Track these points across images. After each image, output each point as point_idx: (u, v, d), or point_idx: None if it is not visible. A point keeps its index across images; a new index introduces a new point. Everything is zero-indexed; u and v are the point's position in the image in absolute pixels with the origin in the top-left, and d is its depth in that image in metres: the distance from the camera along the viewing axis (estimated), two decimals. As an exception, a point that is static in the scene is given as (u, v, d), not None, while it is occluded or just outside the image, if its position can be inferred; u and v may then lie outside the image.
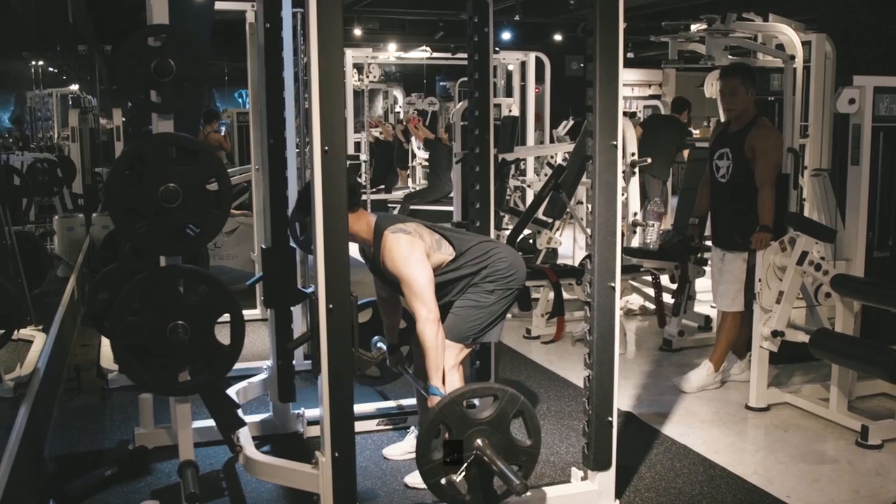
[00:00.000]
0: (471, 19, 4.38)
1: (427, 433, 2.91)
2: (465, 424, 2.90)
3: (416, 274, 3.36)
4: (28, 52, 7.53)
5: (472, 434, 2.91)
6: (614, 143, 3.23)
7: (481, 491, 2.97)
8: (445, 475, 2.88)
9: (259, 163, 5.05)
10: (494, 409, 2.95)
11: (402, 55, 13.39)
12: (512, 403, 2.96)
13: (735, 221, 4.98)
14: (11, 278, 4.66)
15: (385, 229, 3.46)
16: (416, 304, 3.35)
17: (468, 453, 2.90)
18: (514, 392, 2.97)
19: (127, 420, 4.59)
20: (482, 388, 3.22)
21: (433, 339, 3.30)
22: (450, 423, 2.89)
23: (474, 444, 2.90)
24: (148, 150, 3.17)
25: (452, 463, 2.87)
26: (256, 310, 6.59)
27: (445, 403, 2.92)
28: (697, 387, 5.09)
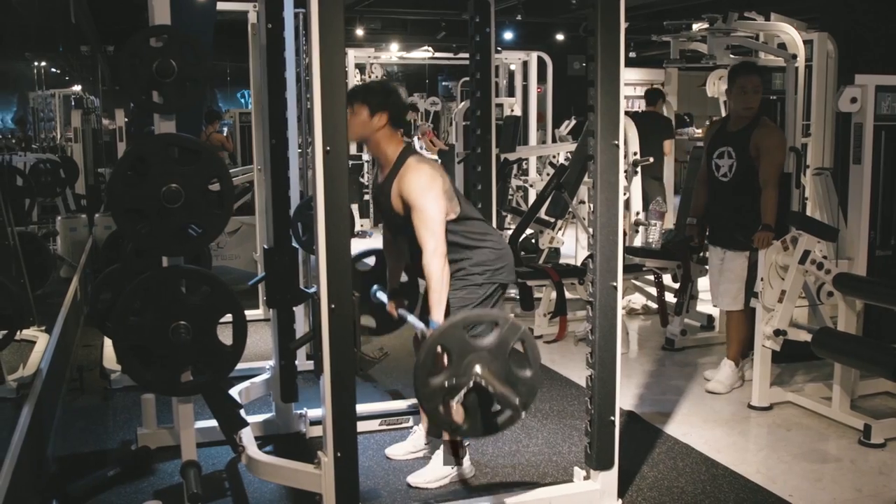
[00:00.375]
0: (472, 19, 4.39)
1: (426, 356, 2.83)
2: (464, 350, 2.83)
3: (431, 206, 3.38)
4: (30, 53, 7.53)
5: (471, 360, 2.83)
6: (616, 142, 3.23)
7: (479, 419, 2.91)
8: (443, 400, 2.82)
9: (261, 163, 5.05)
10: (495, 336, 2.86)
11: (404, 55, 13.40)
12: (513, 332, 2.87)
13: (737, 220, 4.97)
14: (14, 279, 4.66)
15: (410, 157, 3.52)
16: (425, 236, 3.35)
17: (467, 379, 2.82)
18: (515, 321, 2.90)
19: (130, 420, 4.60)
20: (484, 315, 3.11)
21: (438, 274, 3.31)
22: (450, 347, 2.82)
23: (473, 371, 2.83)
24: (150, 151, 3.18)
25: (450, 389, 2.81)
26: (259, 310, 6.60)
27: (446, 327, 2.86)
28: (728, 386, 5.08)
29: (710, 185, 5.16)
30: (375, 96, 3.53)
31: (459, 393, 2.81)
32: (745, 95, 4.91)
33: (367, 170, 12.10)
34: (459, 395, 2.82)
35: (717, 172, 5.03)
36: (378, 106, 3.51)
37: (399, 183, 3.47)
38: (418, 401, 2.89)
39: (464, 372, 2.82)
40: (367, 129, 3.53)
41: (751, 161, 4.86)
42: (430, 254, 3.33)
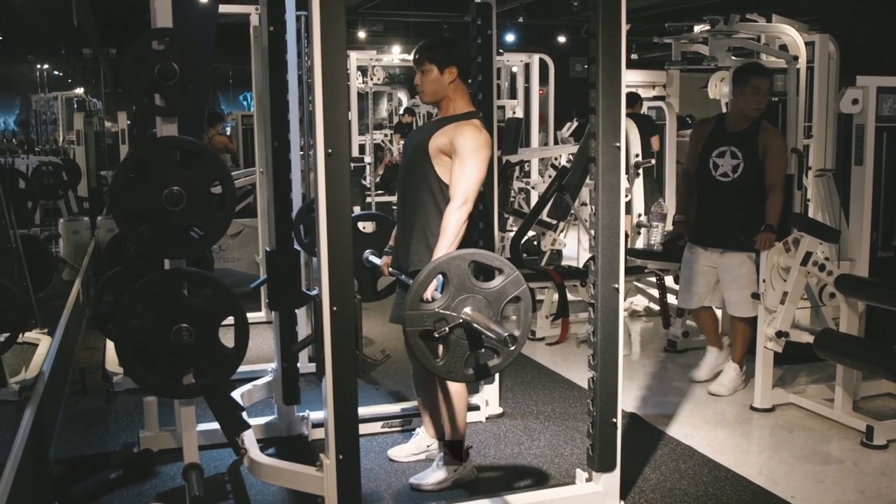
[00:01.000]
0: (474, 21, 4.40)
1: (427, 277, 2.81)
2: (463, 286, 2.80)
3: (477, 164, 3.41)
4: (33, 56, 7.55)
5: (466, 298, 2.80)
6: (617, 144, 3.23)
7: (457, 361, 2.85)
8: (427, 327, 2.79)
9: (263, 165, 5.05)
10: (497, 283, 2.84)
11: (406, 57, 13.38)
12: (515, 285, 2.84)
13: (742, 221, 4.94)
14: (17, 281, 4.67)
15: (477, 119, 3.56)
16: (458, 190, 3.38)
17: (458, 315, 2.79)
18: (520, 275, 2.86)
19: (132, 423, 4.60)
20: (493, 258, 2.99)
21: (456, 226, 3.34)
22: (451, 278, 2.79)
23: (463, 311, 2.79)
24: (152, 154, 3.18)
25: (438, 318, 2.77)
26: (261, 312, 6.60)
27: (453, 256, 2.84)
28: (732, 389, 5.05)
29: (702, 184, 5.06)
30: (440, 51, 3.54)
31: (446, 327, 2.78)
32: (758, 96, 4.87)
33: (369, 172, 12.10)
34: (445, 329, 2.79)
35: (714, 172, 4.96)
36: (445, 61, 3.52)
37: (457, 129, 3.47)
38: (403, 322, 2.82)
39: (456, 307, 2.79)
40: (440, 87, 3.56)
41: (759, 161, 4.85)
42: (457, 205, 3.36)
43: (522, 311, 2.88)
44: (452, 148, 3.44)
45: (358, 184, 11.30)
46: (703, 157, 5.02)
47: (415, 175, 3.58)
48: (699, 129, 5.24)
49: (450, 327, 2.78)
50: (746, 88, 4.88)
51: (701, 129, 5.20)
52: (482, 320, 2.76)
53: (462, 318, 2.78)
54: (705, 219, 5.09)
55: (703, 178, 5.03)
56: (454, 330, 2.80)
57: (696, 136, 5.22)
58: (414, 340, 2.80)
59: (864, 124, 4.66)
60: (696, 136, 5.22)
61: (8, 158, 6.14)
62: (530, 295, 2.92)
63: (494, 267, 2.90)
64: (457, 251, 2.91)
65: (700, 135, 5.15)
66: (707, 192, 5.06)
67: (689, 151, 5.30)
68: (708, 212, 5.08)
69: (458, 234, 3.35)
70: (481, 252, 2.99)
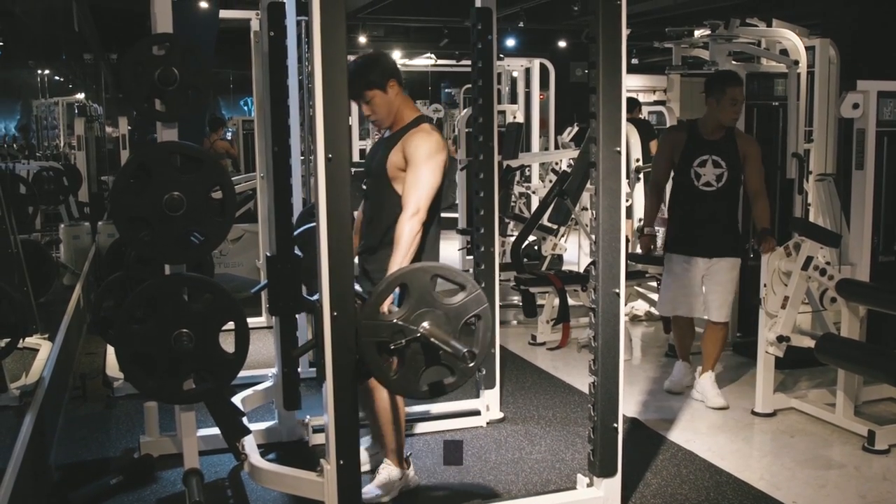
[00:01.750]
0: (475, 26, 4.40)
1: (387, 288, 2.80)
2: (423, 300, 2.79)
3: (429, 174, 3.38)
4: (33, 61, 7.55)
5: (425, 313, 2.79)
6: (618, 149, 3.23)
7: (411, 376, 2.85)
8: (383, 339, 2.78)
9: (264, 170, 5.06)
10: (458, 300, 2.83)
11: (406, 62, 13.42)
12: (476, 303, 2.84)
13: (731, 228, 4.95)
14: (17, 287, 4.66)
15: (426, 123, 3.54)
16: (410, 199, 3.34)
17: (415, 329, 2.78)
18: (482, 294, 2.87)
19: (132, 428, 4.60)
20: (457, 273, 2.96)
21: (409, 236, 3.28)
22: (411, 290, 2.78)
23: (421, 325, 2.79)
24: (152, 159, 3.18)
25: (395, 330, 2.77)
26: (261, 317, 6.59)
27: (416, 269, 2.83)
28: (717, 392, 4.94)
29: (684, 195, 4.95)
30: (373, 73, 3.50)
31: (402, 340, 2.77)
32: (735, 106, 4.84)
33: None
34: (401, 341, 2.78)
35: (696, 181, 4.85)
36: (382, 79, 3.50)
37: (408, 139, 3.45)
38: (358, 331, 2.82)
39: (414, 321, 2.78)
40: (391, 105, 3.54)
41: (740, 170, 4.86)
42: (409, 215, 3.31)
43: (482, 329, 2.88)
44: (408, 158, 3.43)
45: (358, 188, 11.31)
46: (683, 168, 4.93)
47: (381, 202, 3.56)
48: (671, 138, 5.12)
49: (406, 340, 2.78)
50: (724, 99, 4.82)
51: (673, 139, 5.07)
52: (441, 335, 2.75)
53: (420, 332, 2.77)
54: (693, 229, 4.94)
55: (685, 189, 4.93)
56: (411, 343, 2.79)
57: (667, 144, 5.10)
58: (369, 351, 2.80)
59: (864, 129, 4.66)
60: (667, 144, 5.10)
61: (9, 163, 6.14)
62: (491, 314, 2.91)
63: (457, 283, 2.89)
64: (420, 263, 2.88)
65: (673, 144, 5.04)
66: (690, 203, 4.93)
67: (657, 160, 5.21)
68: (694, 222, 4.93)
69: (411, 245, 3.31)
70: (445, 266, 2.96)
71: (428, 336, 2.77)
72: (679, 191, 5.01)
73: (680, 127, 5.16)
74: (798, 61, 6.05)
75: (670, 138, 5.12)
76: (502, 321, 5.13)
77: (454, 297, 2.83)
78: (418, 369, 2.85)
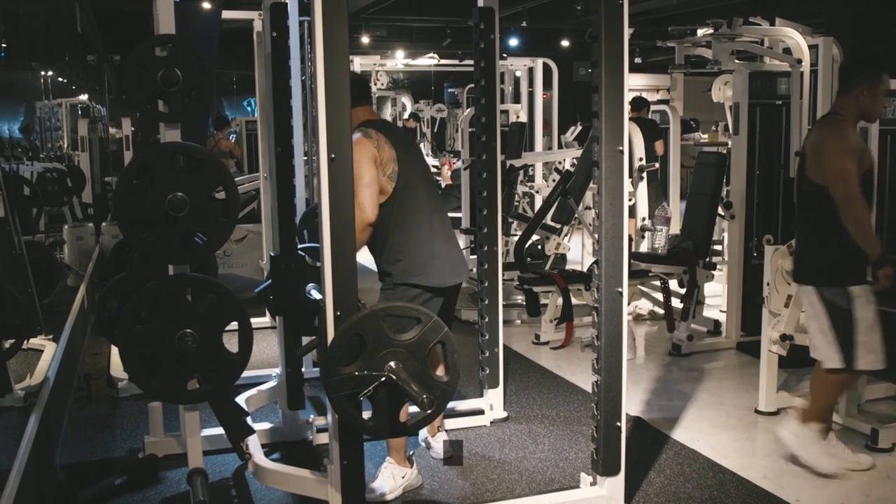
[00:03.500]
0: (477, 26, 4.40)
1: (340, 342, 2.79)
2: (381, 342, 2.79)
3: (360, 175, 3.42)
4: (37, 63, 7.57)
5: (387, 354, 2.79)
6: (620, 148, 3.23)
7: (387, 418, 2.85)
8: (352, 391, 2.77)
9: (267, 171, 5.07)
10: (416, 333, 2.83)
11: (409, 62, 13.40)
12: (435, 332, 2.84)
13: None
14: (22, 288, 4.67)
15: (358, 129, 3.59)
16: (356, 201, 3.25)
17: (380, 373, 2.78)
18: (438, 320, 2.87)
19: (137, 428, 4.61)
20: (406, 309, 2.97)
21: (358, 238, 3.22)
22: (366, 337, 2.78)
23: (386, 366, 2.78)
24: (155, 160, 3.19)
25: (361, 380, 2.76)
26: (265, 317, 6.61)
27: (365, 315, 2.81)
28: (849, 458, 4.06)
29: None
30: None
31: (369, 387, 2.78)
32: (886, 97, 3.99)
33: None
34: (369, 388, 2.78)
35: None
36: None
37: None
38: (325, 388, 2.83)
39: (377, 365, 2.78)
40: (353, 122, 3.46)
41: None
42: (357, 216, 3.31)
43: (448, 355, 2.89)
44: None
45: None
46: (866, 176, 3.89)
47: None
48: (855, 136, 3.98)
49: (373, 387, 2.78)
50: (879, 88, 3.89)
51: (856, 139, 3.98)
52: (404, 378, 2.76)
53: (385, 374, 2.78)
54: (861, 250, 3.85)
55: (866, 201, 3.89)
56: (379, 388, 2.79)
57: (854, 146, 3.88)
58: (339, 406, 2.81)
59: (867, 127, 4.65)
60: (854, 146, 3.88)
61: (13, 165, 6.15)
62: (453, 339, 2.91)
63: (410, 317, 2.89)
64: (367, 309, 2.86)
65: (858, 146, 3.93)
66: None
67: (849, 167, 3.78)
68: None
69: (362, 243, 3.47)
70: (395, 305, 2.99)
71: (395, 379, 2.77)
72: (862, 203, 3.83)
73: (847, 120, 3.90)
74: (801, 60, 6.04)
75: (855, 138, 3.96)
76: (506, 320, 5.13)
77: (411, 332, 2.84)
78: (393, 408, 2.86)
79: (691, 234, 6.27)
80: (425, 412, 2.81)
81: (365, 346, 2.79)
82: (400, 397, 2.83)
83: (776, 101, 6.23)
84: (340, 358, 2.79)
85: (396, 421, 2.89)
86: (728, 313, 6.25)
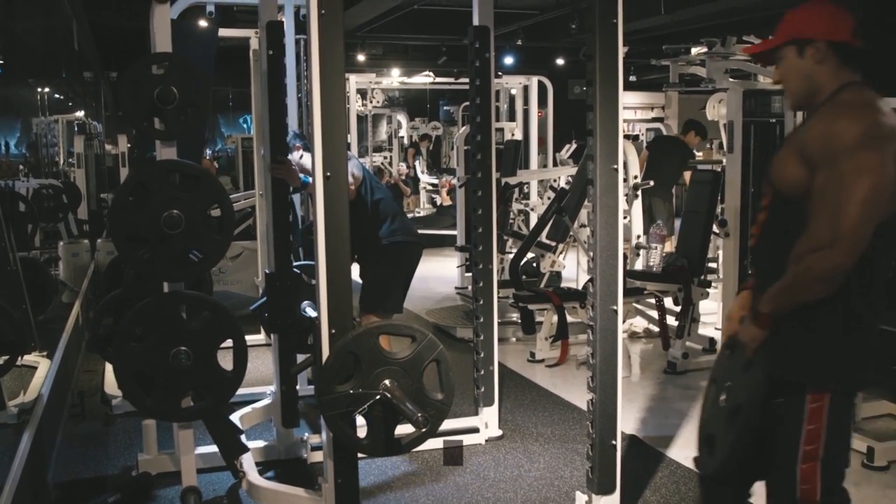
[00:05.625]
0: (472, 44, 4.42)
1: (335, 360, 2.79)
2: (376, 360, 2.79)
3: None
4: (34, 79, 7.58)
5: (381, 372, 2.79)
6: (615, 166, 3.24)
7: (382, 436, 2.84)
8: (346, 409, 2.77)
9: (263, 188, 5.07)
10: (410, 351, 2.83)
11: (405, 80, 13.46)
12: (430, 349, 2.85)
13: None
14: (16, 304, 4.66)
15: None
16: None
17: (374, 391, 2.78)
18: (433, 338, 2.87)
19: (130, 446, 4.59)
20: (401, 326, 2.99)
21: None
22: (360, 355, 2.78)
23: (381, 384, 2.78)
24: (151, 177, 3.19)
25: (355, 399, 2.75)
26: (260, 335, 6.59)
27: (359, 333, 2.81)
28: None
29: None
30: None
31: (364, 405, 2.77)
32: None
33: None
34: (364, 407, 2.77)
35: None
36: None
37: None
38: (319, 406, 2.83)
39: (371, 383, 2.77)
40: None
41: None
42: None
43: (443, 373, 2.89)
44: None
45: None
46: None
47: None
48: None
49: (368, 405, 2.78)
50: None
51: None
52: (398, 396, 2.76)
53: (380, 394, 2.78)
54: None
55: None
56: (374, 406, 2.79)
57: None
58: (333, 424, 2.81)
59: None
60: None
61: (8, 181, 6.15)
62: (448, 357, 2.92)
63: (404, 335, 2.90)
64: (363, 328, 2.88)
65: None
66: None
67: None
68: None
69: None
70: (389, 324, 3.01)
71: (389, 398, 2.77)
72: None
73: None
74: (794, 78, 6.07)
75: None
76: (501, 338, 5.13)
77: (406, 350, 2.85)
78: (388, 427, 2.85)
79: (686, 251, 6.28)
80: (420, 430, 2.80)
81: (360, 364, 2.79)
82: (395, 415, 2.82)
83: (770, 119, 6.24)
84: (335, 376, 2.79)
85: (391, 439, 2.88)
86: (723, 331, 6.23)
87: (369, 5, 11.73)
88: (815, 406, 2.34)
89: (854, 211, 2.19)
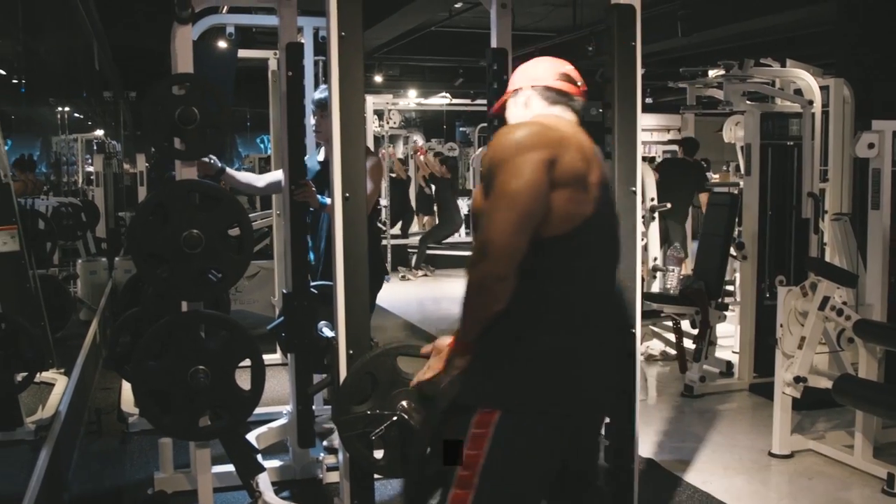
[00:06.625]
0: (490, 66, 4.43)
1: (352, 380, 2.78)
2: (393, 381, 2.77)
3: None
4: (54, 98, 7.66)
5: (398, 394, 2.77)
6: (633, 189, 3.24)
7: (398, 457, 2.82)
8: (363, 430, 2.75)
9: (280, 208, 5.09)
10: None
11: (422, 101, 13.53)
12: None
13: None
14: (35, 321, 4.69)
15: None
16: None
17: (391, 412, 2.76)
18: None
19: (147, 464, 4.60)
20: (419, 346, 2.90)
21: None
22: (378, 376, 2.77)
23: (399, 405, 2.76)
24: (171, 197, 3.21)
25: (372, 419, 2.74)
26: (276, 354, 6.60)
27: (377, 355, 2.79)
28: None
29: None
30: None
31: (381, 426, 2.76)
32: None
33: (385, 216, 12.17)
34: (381, 427, 2.76)
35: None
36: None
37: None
38: (336, 426, 2.81)
39: (388, 404, 2.76)
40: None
41: None
42: None
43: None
44: None
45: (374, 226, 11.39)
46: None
47: None
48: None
49: (385, 426, 2.76)
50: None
51: None
52: (416, 419, 2.73)
53: (397, 414, 2.76)
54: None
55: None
56: (391, 428, 2.78)
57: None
58: (350, 445, 2.80)
59: (880, 168, 4.65)
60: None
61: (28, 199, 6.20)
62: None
63: (422, 356, 2.85)
64: (380, 348, 2.85)
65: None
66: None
67: None
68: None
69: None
70: (406, 344, 2.94)
71: (406, 416, 2.76)
72: None
73: None
74: (812, 101, 6.07)
75: None
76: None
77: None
78: (402, 449, 2.83)
79: (703, 274, 6.25)
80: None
81: (377, 384, 2.78)
82: (411, 435, 2.82)
83: (788, 142, 6.24)
84: (352, 397, 2.78)
85: (407, 458, 2.87)
86: (741, 354, 6.21)
87: (387, 27, 11.81)
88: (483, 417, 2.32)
89: (499, 217, 2.24)
